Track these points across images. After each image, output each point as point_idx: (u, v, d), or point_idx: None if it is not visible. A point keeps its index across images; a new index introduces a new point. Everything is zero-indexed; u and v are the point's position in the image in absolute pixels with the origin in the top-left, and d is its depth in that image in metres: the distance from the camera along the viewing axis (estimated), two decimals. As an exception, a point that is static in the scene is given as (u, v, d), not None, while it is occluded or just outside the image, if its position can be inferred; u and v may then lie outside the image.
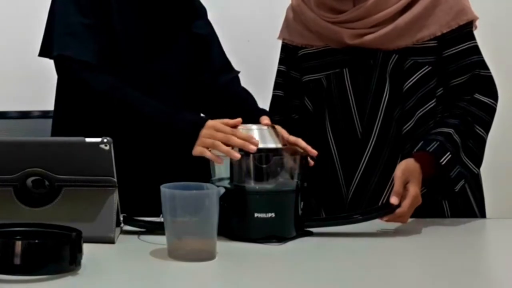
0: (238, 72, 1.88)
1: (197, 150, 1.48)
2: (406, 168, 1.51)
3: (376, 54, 1.65)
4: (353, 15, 1.65)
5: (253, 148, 1.41)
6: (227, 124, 1.49)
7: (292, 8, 1.79)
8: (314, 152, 1.48)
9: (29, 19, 1.93)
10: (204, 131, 1.50)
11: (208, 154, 1.46)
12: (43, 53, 1.73)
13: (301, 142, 1.48)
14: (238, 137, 1.44)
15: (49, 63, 1.74)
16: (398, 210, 1.46)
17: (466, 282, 1.20)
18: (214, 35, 1.88)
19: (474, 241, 1.53)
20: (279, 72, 1.82)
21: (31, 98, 2.13)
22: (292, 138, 1.48)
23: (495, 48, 2.17)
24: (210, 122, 1.51)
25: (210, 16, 1.90)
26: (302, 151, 1.47)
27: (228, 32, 2.58)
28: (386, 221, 1.48)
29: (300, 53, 1.76)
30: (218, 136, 1.46)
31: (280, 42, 1.83)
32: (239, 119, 1.49)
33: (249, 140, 1.43)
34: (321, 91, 1.71)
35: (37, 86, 1.95)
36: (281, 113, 1.78)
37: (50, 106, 1.84)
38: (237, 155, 1.42)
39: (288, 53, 1.80)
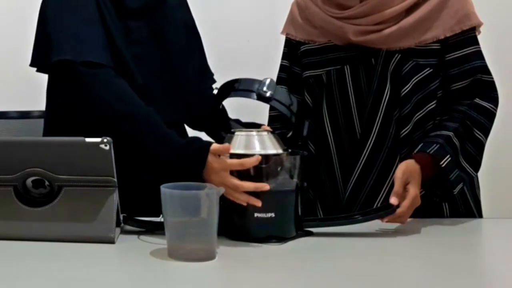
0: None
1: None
2: (407, 169, 1.51)
3: (379, 53, 1.65)
4: (359, 11, 1.65)
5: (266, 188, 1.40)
6: (221, 152, 1.43)
7: (297, 3, 1.79)
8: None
9: (29, 19, 1.93)
10: (213, 177, 1.42)
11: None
12: (38, 60, 1.64)
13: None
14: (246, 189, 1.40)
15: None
16: (398, 211, 1.47)
17: (465, 282, 1.20)
18: None
19: (473, 241, 1.53)
20: (282, 67, 1.82)
21: (31, 98, 2.13)
22: None
23: (495, 49, 2.17)
24: (213, 165, 1.42)
25: (210, 17, 1.90)
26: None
27: (229, 32, 2.59)
28: (386, 221, 1.49)
29: (302, 49, 1.76)
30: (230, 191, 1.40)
31: (281, 41, 1.83)
32: (228, 146, 1.43)
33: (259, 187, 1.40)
34: (321, 87, 1.71)
35: (37, 86, 1.94)
36: None
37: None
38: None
39: (291, 48, 1.80)
